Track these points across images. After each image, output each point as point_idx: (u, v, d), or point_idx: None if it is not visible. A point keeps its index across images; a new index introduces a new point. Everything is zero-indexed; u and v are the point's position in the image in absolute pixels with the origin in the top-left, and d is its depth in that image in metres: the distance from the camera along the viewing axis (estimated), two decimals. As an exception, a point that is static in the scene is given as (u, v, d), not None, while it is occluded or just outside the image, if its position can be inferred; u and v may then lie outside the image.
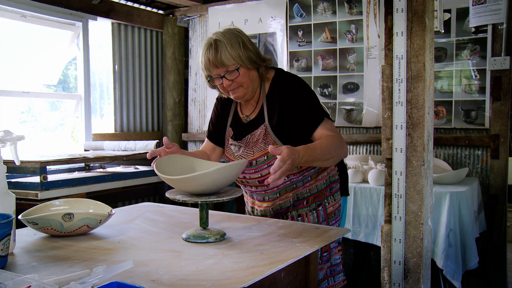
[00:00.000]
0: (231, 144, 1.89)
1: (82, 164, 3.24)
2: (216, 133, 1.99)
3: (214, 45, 1.71)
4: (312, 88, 1.96)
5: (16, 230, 1.40)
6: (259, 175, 1.80)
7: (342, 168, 2.00)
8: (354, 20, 3.53)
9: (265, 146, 1.77)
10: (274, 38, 3.91)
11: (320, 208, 1.88)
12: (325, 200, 1.89)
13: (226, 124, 1.94)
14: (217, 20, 4.20)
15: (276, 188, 1.84)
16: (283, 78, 1.84)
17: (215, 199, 1.45)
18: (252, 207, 1.98)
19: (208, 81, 1.82)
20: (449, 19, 3.15)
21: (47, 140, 3.74)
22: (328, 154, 1.67)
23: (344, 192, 2.00)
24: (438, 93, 3.22)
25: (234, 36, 1.74)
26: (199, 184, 1.44)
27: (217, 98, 2.01)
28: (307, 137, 1.76)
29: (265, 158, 1.77)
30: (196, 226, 1.55)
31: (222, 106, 1.97)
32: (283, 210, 1.90)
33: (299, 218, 1.88)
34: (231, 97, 1.82)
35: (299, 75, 1.90)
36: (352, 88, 3.58)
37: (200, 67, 1.81)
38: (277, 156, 1.46)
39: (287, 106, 1.77)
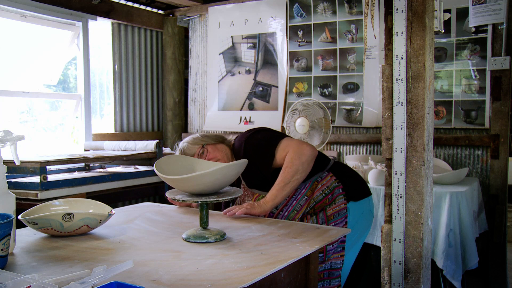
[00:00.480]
0: None
1: (82, 164, 3.24)
2: None
3: (179, 150, 2.02)
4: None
5: (16, 230, 1.40)
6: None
7: (342, 175, 1.97)
8: (354, 20, 3.53)
9: (248, 199, 1.96)
10: (274, 38, 3.91)
11: (320, 212, 1.91)
12: (326, 207, 1.92)
13: None
14: (217, 20, 4.20)
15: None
16: (237, 139, 2.04)
17: (215, 199, 1.45)
18: None
19: None
20: (449, 19, 3.15)
21: (47, 140, 3.73)
22: (291, 172, 1.80)
23: (350, 197, 1.95)
24: (438, 93, 3.22)
25: (192, 136, 2.05)
26: (199, 184, 1.44)
27: None
28: (272, 172, 1.88)
29: None
30: (196, 226, 1.55)
31: None
32: None
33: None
34: None
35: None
36: (352, 88, 3.58)
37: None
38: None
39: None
